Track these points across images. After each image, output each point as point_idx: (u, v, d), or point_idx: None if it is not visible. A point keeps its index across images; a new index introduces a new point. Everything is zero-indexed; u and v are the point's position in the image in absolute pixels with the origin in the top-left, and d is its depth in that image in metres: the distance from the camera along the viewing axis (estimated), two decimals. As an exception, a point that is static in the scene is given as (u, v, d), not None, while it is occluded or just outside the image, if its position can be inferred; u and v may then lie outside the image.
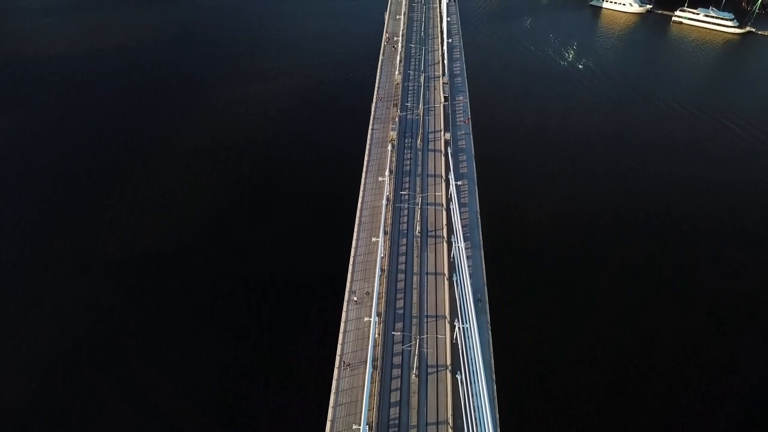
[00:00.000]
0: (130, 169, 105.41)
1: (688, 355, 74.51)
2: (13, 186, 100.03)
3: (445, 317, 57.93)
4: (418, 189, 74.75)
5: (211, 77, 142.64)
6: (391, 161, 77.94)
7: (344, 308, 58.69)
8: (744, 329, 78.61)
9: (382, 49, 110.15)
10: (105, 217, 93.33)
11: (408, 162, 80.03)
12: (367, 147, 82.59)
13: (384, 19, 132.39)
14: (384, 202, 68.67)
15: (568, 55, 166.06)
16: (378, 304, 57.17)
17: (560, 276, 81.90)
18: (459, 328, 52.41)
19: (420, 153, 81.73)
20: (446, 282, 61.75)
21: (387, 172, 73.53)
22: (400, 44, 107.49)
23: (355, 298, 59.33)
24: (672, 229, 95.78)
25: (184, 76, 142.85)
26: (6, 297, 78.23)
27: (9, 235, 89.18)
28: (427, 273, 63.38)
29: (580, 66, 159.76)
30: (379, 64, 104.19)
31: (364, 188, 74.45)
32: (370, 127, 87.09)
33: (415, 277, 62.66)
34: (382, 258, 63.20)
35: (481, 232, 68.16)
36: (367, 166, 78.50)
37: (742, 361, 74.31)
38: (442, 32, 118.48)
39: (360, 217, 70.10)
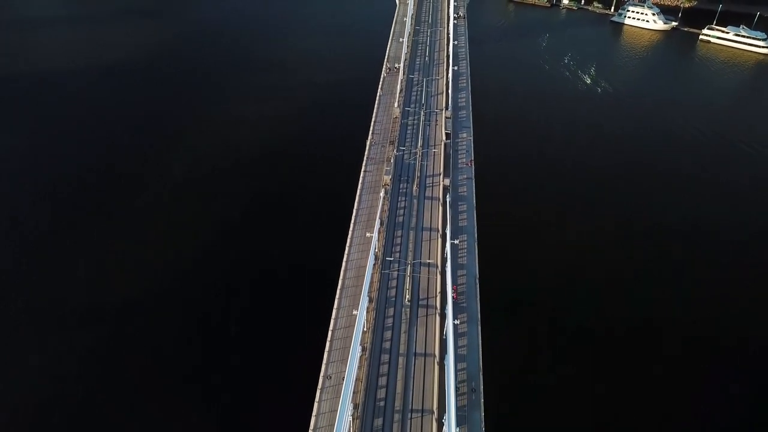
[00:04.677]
0: (128, 174, 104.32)
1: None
2: (14, 191, 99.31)
3: (433, 413, 49.78)
4: (410, 246, 66.71)
5: (205, 88, 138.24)
6: (382, 210, 70.12)
7: (317, 397, 50.91)
8: (742, 339, 77.42)
9: (381, 80, 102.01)
10: (104, 222, 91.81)
11: (401, 212, 72.00)
12: (358, 192, 74.84)
13: (387, 41, 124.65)
14: (371, 261, 60.62)
15: (587, 77, 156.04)
16: (355, 393, 49.36)
17: (573, 359, 71.53)
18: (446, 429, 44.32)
19: (415, 201, 73.70)
20: (436, 366, 53.55)
21: (377, 225, 65.62)
22: (401, 73, 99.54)
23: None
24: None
25: (179, 86, 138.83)
26: (6, 301, 77.43)
27: (8, 241, 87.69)
28: (415, 353, 55.27)
29: (600, 89, 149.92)
30: (377, 97, 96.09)
31: (351, 244, 66.64)
32: (362, 168, 79.35)
33: (401, 359, 54.60)
34: (364, 332, 55.54)
35: (479, 302, 59.67)
36: (356, 217, 70.67)
37: (741, 374, 72.43)
38: (448, 56, 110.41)
39: (344, 279, 62.27)
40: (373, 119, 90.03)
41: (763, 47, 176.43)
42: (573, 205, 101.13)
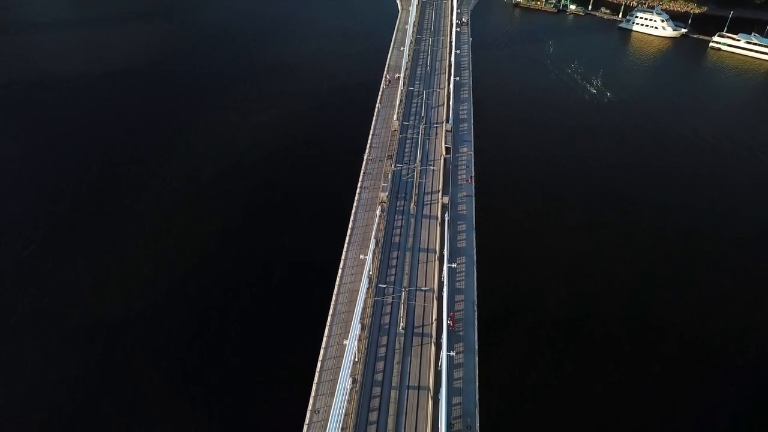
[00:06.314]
0: (128, 175, 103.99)
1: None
2: (14, 196, 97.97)
3: (425, 453, 47.01)
4: (406, 269, 63.90)
5: (205, 90, 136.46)
6: (378, 230, 67.48)
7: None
8: (742, 340, 75.80)
9: (380, 92, 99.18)
10: (105, 222, 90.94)
11: (398, 232, 69.22)
12: (353, 210, 72.23)
13: (388, 49, 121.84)
14: (364, 286, 57.91)
15: (595, 84, 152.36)
16: (343, 430, 46.66)
17: (578, 395, 67.55)
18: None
19: (413, 220, 70.95)
20: (430, 401, 50.73)
21: (371, 246, 62.95)
22: (401, 83, 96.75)
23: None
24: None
25: (179, 88, 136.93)
26: (6, 303, 77.12)
27: (8, 241, 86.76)
28: (408, 387, 52.50)
29: (608, 96, 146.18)
30: (376, 109, 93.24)
31: (344, 266, 64.02)
32: (359, 184, 76.72)
33: (393, 393, 51.85)
34: (355, 363, 52.87)
35: (477, 330, 56.79)
36: (351, 236, 68.08)
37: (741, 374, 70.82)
38: (450, 66, 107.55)
39: (335, 305, 59.65)
40: (371, 132, 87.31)
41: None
42: (580, 223, 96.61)
